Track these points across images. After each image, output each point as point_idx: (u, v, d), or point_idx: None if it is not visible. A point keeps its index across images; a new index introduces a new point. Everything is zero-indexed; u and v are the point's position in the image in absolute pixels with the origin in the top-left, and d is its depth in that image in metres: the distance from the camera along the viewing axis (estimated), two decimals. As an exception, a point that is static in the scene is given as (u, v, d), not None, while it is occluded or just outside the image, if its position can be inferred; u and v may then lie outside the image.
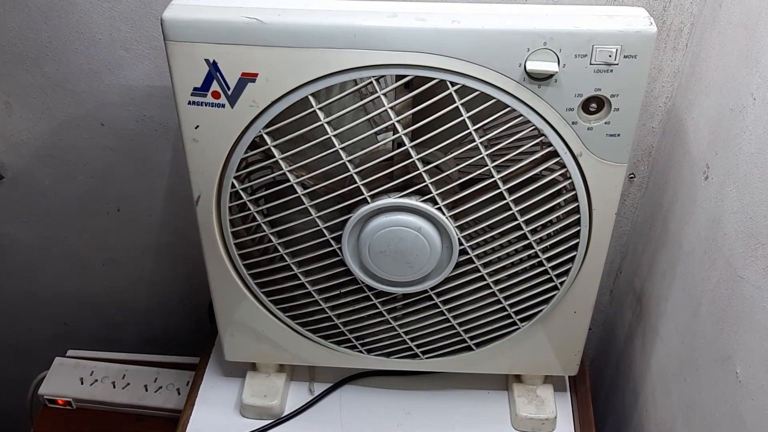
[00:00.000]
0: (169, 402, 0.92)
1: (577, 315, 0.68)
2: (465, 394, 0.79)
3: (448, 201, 0.59)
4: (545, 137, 0.56)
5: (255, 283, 0.67)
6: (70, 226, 0.99)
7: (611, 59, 0.52)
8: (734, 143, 0.59)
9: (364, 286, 0.66)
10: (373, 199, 0.59)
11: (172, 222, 0.97)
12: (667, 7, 0.71)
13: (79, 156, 0.91)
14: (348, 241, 0.62)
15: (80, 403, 0.93)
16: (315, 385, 0.79)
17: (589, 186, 0.59)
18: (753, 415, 0.54)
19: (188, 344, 1.01)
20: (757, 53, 0.57)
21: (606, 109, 0.54)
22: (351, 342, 0.72)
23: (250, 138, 0.57)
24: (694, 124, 0.70)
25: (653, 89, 0.77)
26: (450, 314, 0.68)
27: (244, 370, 0.79)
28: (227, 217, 0.63)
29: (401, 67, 0.53)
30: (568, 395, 0.79)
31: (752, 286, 0.55)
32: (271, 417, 0.76)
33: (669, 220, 0.75)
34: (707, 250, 0.64)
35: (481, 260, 0.63)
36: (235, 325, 0.72)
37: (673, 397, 0.71)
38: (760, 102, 0.55)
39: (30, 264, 1.04)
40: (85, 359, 0.98)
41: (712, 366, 0.62)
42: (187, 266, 1.02)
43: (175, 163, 0.90)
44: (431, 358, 0.73)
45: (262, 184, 0.62)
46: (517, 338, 0.70)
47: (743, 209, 0.57)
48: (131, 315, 1.11)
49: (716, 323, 0.61)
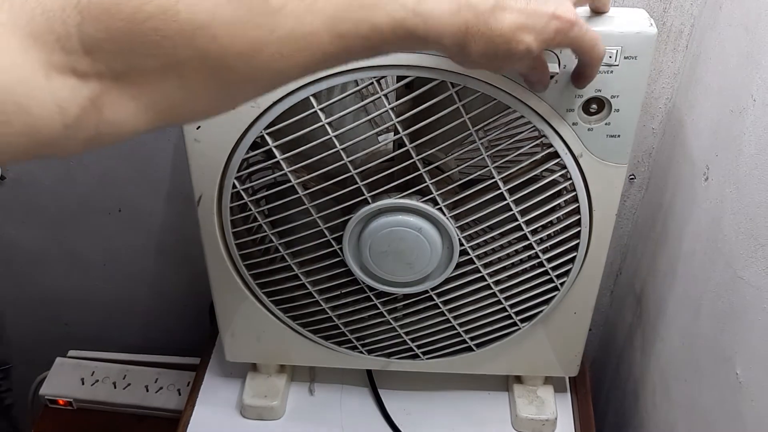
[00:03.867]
0: (169, 402, 0.92)
1: (578, 316, 0.68)
2: (465, 394, 0.79)
3: (448, 201, 0.60)
4: (546, 138, 0.56)
5: (256, 283, 0.68)
6: (72, 227, 0.99)
7: (611, 60, 0.52)
8: (734, 144, 0.59)
9: (365, 286, 0.66)
10: (374, 199, 0.59)
11: (174, 222, 0.98)
12: (667, 8, 0.72)
13: (80, 157, 0.91)
14: (349, 241, 0.62)
15: (81, 403, 0.93)
16: (315, 385, 0.80)
17: (589, 187, 0.59)
18: (753, 415, 0.54)
19: (189, 345, 1.01)
20: (757, 55, 0.57)
21: (606, 110, 0.55)
22: (351, 342, 0.72)
23: (251, 138, 0.57)
24: (694, 126, 0.70)
25: (653, 90, 0.77)
26: (450, 314, 0.68)
27: (244, 370, 0.79)
28: (228, 218, 0.63)
29: (402, 68, 0.53)
30: (568, 396, 0.79)
31: (752, 287, 0.55)
32: (271, 417, 0.76)
33: (669, 221, 0.75)
34: (707, 251, 0.64)
35: (481, 261, 0.63)
36: (236, 326, 0.72)
37: (673, 398, 0.71)
38: (760, 103, 0.55)
39: (31, 264, 1.05)
40: (86, 359, 0.98)
41: (712, 367, 0.62)
42: (188, 267, 1.02)
43: (176, 163, 0.90)
44: (432, 358, 0.73)
45: (263, 184, 0.62)
46: (517, 339, 0.70)
47: (743, 210, 0.57)
48: (132, 315, 1.11)
49: (716, 324, 0.61)
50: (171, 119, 0.35)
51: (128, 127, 0.33)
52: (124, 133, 0.33)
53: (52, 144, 0.31)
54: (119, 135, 0.33)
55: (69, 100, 0.31)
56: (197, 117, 0.36)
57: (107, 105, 0.32)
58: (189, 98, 0.34)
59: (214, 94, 0.35)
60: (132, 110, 0.33)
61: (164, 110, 0.34)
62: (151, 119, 0.34)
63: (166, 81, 0.33)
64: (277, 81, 0.37)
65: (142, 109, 0.33)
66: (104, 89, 0.31)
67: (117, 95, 0.32)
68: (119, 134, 0.33)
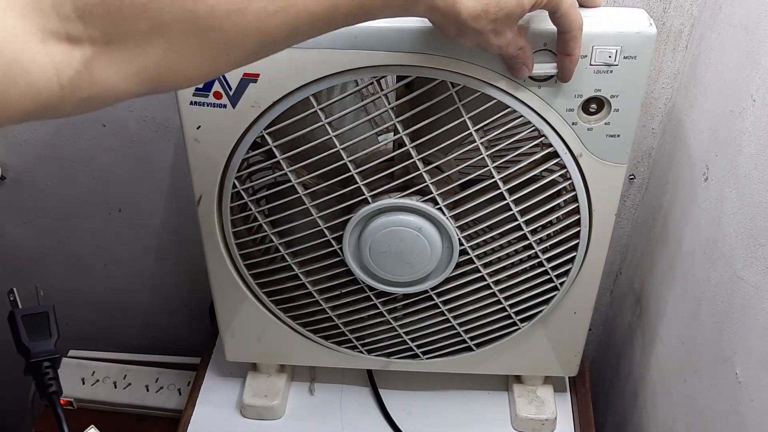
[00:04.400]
0: (170, 402, 0.92)
1: (577, 315, 0.68)
2: (465, 394, 0.79)
3: (448, 201, 0.60)
4: (545, 138, 0.56)
5: (256, 283, 0.68)
6: (72, 227, 0.99)
7: (611, 60, 0.52)
8: (734, 144, 0.59)
9: (365, 286, 0.66)
10: (373, 199, 0.59)
11: (174, 222, 0.98)
12: (667, 8, 0.72)
13: (80, 157, 0.91)
14: (349, 241, 0.62)
15: (81, 403, 0.93)
16: (315, 385, 0.80)
17: (589, 187, 0.59)
18: (753, 415, 0.54)
19: (189, 344, 1.01)
20: (757, 55, 0.57)
21: (606, 110, 0.55)
22: (351, 342, 0.72)
23: (251, 138, 0.57)
24: (693, 126, 0.70)
25: (653, 90, 0.77)
26: (450, 314, 0.68)
27: (244, 370, 0.79)
28: (228, 218, 0.63)
29: (402, 68, 0.53)
30: (568, 396, 0.79)
31: (752, 286, 0.55)
32: (271, 417, 0.76)
33: (669, 221, 0.75)
34: (707, 251, 0.64)
35: (481, 260, 0.63)
36: (236, 326, 0.72)
37: (673, 398, 0.71)
38: (760, 103, 0.55)
39: (31, 264, 1.05)
40: (87, 359, 0.98)
41: (712, 367, 0.62)
42: (189, 266, 1.02)
43: (176, 163, 0.91)
44: (431, 358, 0.73)
45: (263, 184, 0.62)
46: (517, 339, 0.70)
47: (743, 210, 0.57)
48: (132, 315, 1.11)
49: (716, 324, 0.62)
50: (161, 84, 0.36)
51: (119, 90, 0.34)
52: (116, 96, 0.35)
53: (50, 105, 0.32)
54: (111, 97, 0.35)
55: (64, 63, 0.32)
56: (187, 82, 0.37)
57: (99, 68, 0.33)
58: (178, 62, 0.35)
59: (203, 58, 0.35)
60: (123, 74, 0.34)
61: (154, 75, 0.35)
62: (141, 82, 0.35)
63: (154, 45, 0.34)
64: (266, 43, 0.37)
65: (133, 72, 0.34)
66: (96, 53, 0.33)
67: (108, 59, 0.33)
68: (111, 96, 0.34)
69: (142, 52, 0.34)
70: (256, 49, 0.37)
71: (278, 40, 0.37)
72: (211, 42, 0.35)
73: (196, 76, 0.37)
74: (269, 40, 0.37)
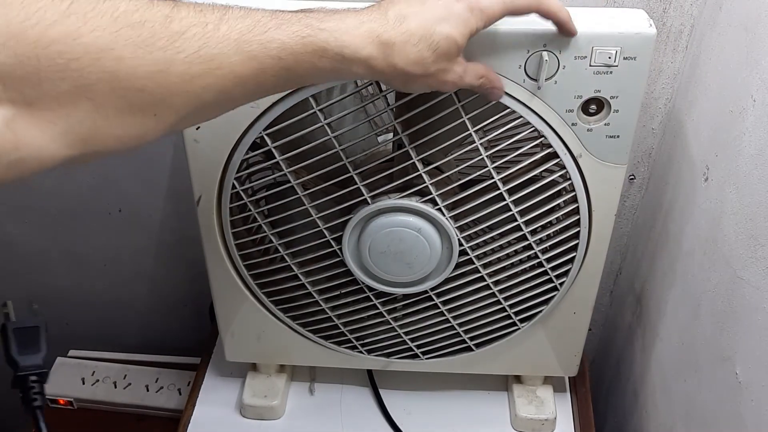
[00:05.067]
0: (170, 402, 0.92)
1: (577, 316, 0.68)
2: (465, 394, 0.79)
3: (448, 202, 0.60)
4: (545, 138, 0.56)
5: (256, 283, 0.68)
6: (72, 227, 0.99)
7: (611, 61, 0.52)
8: (734, 145, 0.59)
9: (365, 286, 0.66)
10: (373, 200, 0.59)
11: (173, 222, 0.98)
12: (667, 8, 0.72)
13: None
14: (348, 241, 0.62)
15: (82, 403, 0.93)
16: (315, 385, 0.80)
17: (588, 187, 0.59)
18: (753, 415, 0.54)
19: (189, 345, 1.01)
20: (757, 55, 0.57)
21: (606, 111, 0.55)
22: (351, 342, 0.72)
23: (251, 139, 0.57)
24: (694, 126, 0.70)
25: (653, 91, 0.77)
26: (450, 315, 0.68)
27: (244, 370, 0.79)
28: (228, 218, 0.63)
29: (402, 69, 0.53)
30: (568, 396, 0.79)
31: (752, 287, 0.55)
32: (271, 417, 0.76)
33: (669, 221, 0.75)
34: (707, 251, 0.64)
35: (481, 261, 0.63)
36: (236, 326, 0.72)
37: (673, 398, 0.71)
38: (760, 104, 0.55)
39: (31, 264, 1.05)
40: (87, 359, 0.98)
41: (712, 367, 0.62)
42: (188, 267, 1.02)
43: (176, 163, 0.91)
44: (431, 358, 0.73)
45: (263, 184, 0.62)
46: (516, 339, 0.70)
47: (743, 210, 0.57)
48: (132, 315, 1.11)
49: (716, 324, 0.62)
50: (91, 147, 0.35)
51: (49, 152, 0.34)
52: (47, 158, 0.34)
53: None
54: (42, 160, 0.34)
55: None
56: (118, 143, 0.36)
57: (22, 129, 0.32)
58: (105, 123, 0.34)
59: (131, 119, 0.35)
60: (48, 135, 0.33)
61: (81, 136, 0.34)
62: (71, 143, 0.34)
63: (78, 105, 0.33)
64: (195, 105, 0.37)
65: (59, 134, 0.33)
66: (17, 114, 0.32)
67: (31, 120, 0.33)
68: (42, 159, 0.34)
69: (67, 112, 0.33)
70: (188, 111, 0.37)
71: (208, 102, 0.37)
72: (136, 102, 0.34)
73: (126, 136, 0.36)
74: (198, 102, 0.36)
